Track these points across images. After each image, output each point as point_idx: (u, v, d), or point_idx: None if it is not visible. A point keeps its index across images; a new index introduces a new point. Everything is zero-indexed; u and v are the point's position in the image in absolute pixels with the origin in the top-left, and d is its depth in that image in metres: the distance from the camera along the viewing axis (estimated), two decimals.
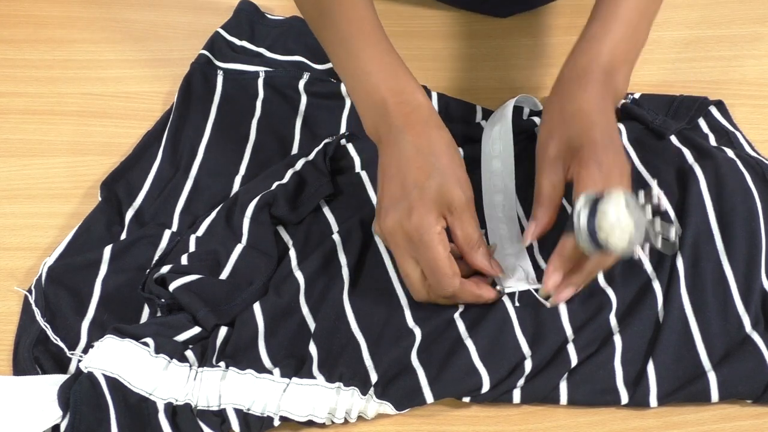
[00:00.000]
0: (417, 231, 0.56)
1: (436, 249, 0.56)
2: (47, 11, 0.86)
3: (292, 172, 0.68)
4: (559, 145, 0.59)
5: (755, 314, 0.62)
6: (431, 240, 0.56)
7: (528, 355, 0.59)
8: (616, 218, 0.52)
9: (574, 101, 0.60)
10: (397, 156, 0.59)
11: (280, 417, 0.56)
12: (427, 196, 0.57)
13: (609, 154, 0.57)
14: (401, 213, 0.57)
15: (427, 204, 0.57)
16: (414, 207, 0.56)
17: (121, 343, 0.57)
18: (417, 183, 0.57)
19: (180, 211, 0.68)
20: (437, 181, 0.57)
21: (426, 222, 0.56)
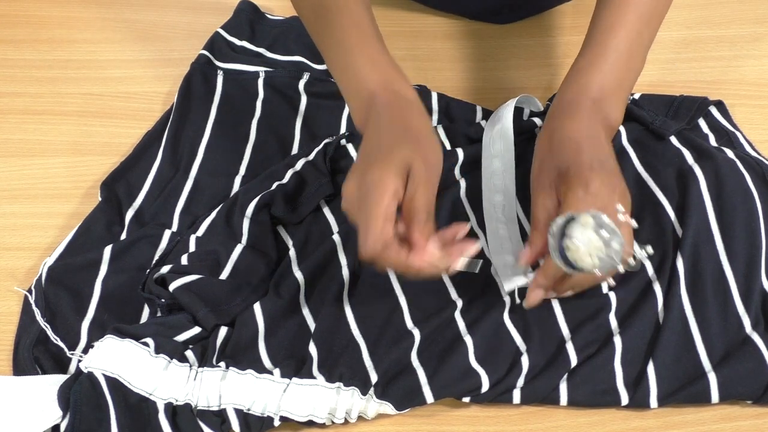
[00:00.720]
0: (369, 184, 0.54)
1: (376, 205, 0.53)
2: (47, 11, 0.86)
3: (292, 172, 0.68)
4: (550, 173, 0.60)
5: (755, 315, 0.62)
6: (376, 195, 0.54)
7: (523, 350, 0.59)
8: (582, 240, 0.53)
9: (562, 130, 0.61)
10: (372, 133, 0.58)
11: (281, 417, 0.56)
12: (389, 158, 0.55)
13: (598, 176, 0.57)
14: (360, 172, 0.56)
15: (387, 164, 0.55)
16: (373, 164, 0.55)
17: (121, 343, 0.57)
18: (382, 148, 0.57)
19: (180, 211, 0.68)
20: (403, 150, 0.56)
21: (380, 177, 0.54)
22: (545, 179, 0.60)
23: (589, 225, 0.53)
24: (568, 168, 0.58)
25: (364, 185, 0.55)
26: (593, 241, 0.53)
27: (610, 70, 0.63)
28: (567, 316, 0.61)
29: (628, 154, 0.70)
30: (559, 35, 0.85)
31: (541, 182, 0.60)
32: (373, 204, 0.54)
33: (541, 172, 0.61)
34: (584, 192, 0.56)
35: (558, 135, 0.61)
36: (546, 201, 0.59)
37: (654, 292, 0.63)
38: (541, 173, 0.61)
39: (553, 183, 0.59)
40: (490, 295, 0.63)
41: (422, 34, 0.85)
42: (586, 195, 0.56)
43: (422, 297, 0.63)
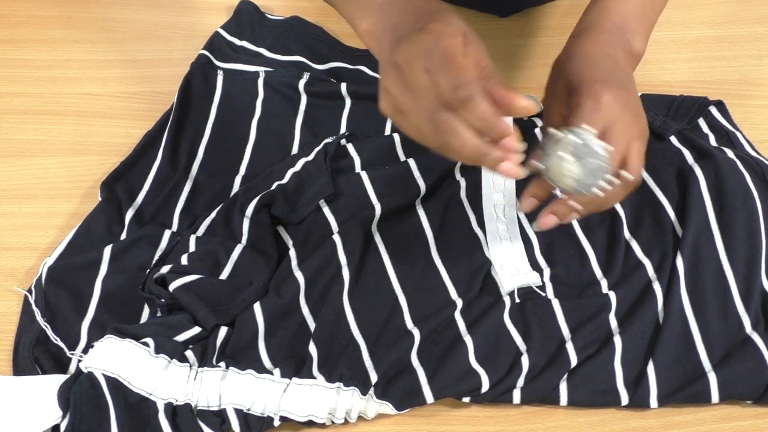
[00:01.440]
0: (435, 36, 0.49)
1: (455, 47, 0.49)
2: (47, 11, 0.86)
3: (292, 172, 0.68)
4: (566, 83, 0.58)
5: (755, 315, 0.62)
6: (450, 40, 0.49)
7: (523, 350, 0.59)
8: (558, 161, 0.52)
9: (581, 45, 0.60)
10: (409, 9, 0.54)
11: (280, 417, 0.56)
12: (445, 18, 0.51)
13: (610, 90, 0.55)
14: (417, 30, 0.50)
15: (446, 21, 0.51)
16: (432, 20, 0.51)
17: (121, 343, 0.57)
18: (431, 11, 0.52)
19: (180, 211, 0.68)
20: (451, 15, 0.52)
21: (445, 28, 0.50)
22: (560, 87, 0.58)
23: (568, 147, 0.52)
24: (579, 82, 0.56)
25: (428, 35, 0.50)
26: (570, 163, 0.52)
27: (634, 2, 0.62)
28: (567, 316, 0.61)
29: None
30: (559, 35, 0.85)
31: (555, 91, 0.59)
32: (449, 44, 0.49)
33: (556, 81, 0.59)
34: (593, 107, 0.54)
35: (576, 53, 0.59)
36: (561, 108, 0.58)
37: (654, 292, 0.63)
38: (556, 81, 0.59)
39: (567, 92, 0.58)
40: (490, 295, 0.63)
41: None
42: (594, 110, 0.54)
43: (422, 297, 0.63)
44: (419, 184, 0.67)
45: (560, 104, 0.58)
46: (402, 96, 0.51)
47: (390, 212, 0.67)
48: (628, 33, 0.61)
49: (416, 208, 0.68)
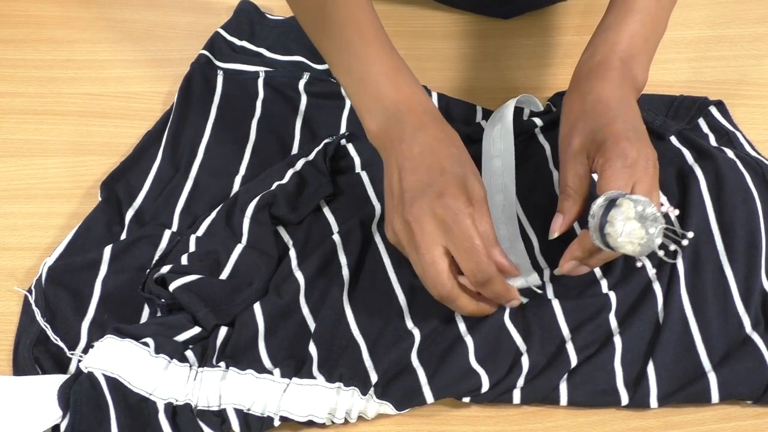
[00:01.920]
0: (451, 212, 0.54)
1: (472, 228, 0.54)
2: (47, 11, 0.86)
3: (292, 172, 0.68)
4: (582, 138, 0.58)
5: (755, 315, 0.62)
6: (468, 219, 0.54)
7: (524, 350, 0.59)
8: (622, 227, 0.53)
9: (593, 92, 0.60)
10: (418, 149, 0.57)
11: (281, 417, 0.56)
12: (456, 181, 0.55)
13: (633, 146, 0.56)
14: (431, 197, 0.55)
15: (457, 188, 0.55)
16: (445, 190, 0.55)
17: (121, 343, 0.57)
18: (443, 169, 0.56)
19: (180, 211, 0.68)
20: (461, 171, 0.56)
21: (459, 203, 0.54)
22: (577, 144, 0.59)
23: (631, 213, 0.53)
24: (604, 137, 0.57)
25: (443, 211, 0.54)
26: (635, 229, 0.53)
27: (638, 29, 0.63)
28: (567, 316, 0.61)
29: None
30: (559, 35, 0.85)
31: (572, 147, 0.59)
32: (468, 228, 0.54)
33: (572, 136, 0.59)
34: (622, 164, 0.55)
35: (591, 98, 0.60)
36: (578, 167, 0.58)
37: (654, 292, 0.63)
38: (572, 137, 0.59)
39: (584, 147, 0.58)
40: None
41: (423, 33, 0.85)
42: (623, 167, 0.55)
43: (422, 297, 0.63)
44: None
45: (578, 163, 0.58)
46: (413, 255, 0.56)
47: None
48: (634, 67, 0.62)
49: None
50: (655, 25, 0.64)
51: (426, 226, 0.55)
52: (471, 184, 0.56)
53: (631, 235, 0.53)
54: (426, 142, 0.57)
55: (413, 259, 0.57)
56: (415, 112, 0.59)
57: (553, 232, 0.59)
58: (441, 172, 0.56)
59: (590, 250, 0.57)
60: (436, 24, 0.86)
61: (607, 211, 0.54)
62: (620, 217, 0.53)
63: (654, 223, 0.54)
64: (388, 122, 0.59)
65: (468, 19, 0.86)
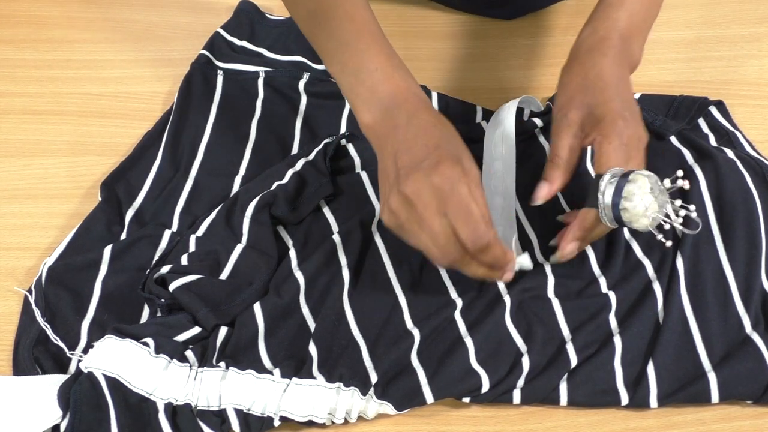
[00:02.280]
0: (448, 180, 0.54)
1: (469, 196, 0.54)
2: (47, 11, 0.86)
3: (292, 172, 0.68)
4: (580, 112, 0.60)
5: (755, 315, 0.62)
6: (465, 187, 0.54)
7: (524, 350, 0.59)
8: (641, 201, 0.54)
9: (595, 67, 0.61)
10: (413, 132, 0.57)
11: (280, 417, 0.56)
12: (451, 155, 0.56)
13: (630, 126, 0.58)
14: (427, 169, 0.55)
15: (452, 160, 0.55)
16: (441, 160, 0.55)
17: (121, 343, 0.57)
18: (438, 145, 0.56)
19: (180, 211, 0.68)
20: (455, 149, 0.57)
21: (456, 173, 0.55)
22: (574, 116, 0.60)
23: (646, 187, 0.54)
24: (603, 114, 0.58)
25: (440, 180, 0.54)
26: (651, 203, 0.54)
27: (638, 8, 0.64)
28: (567, 316, 0.61)
29: None
30: (559, 35, 0.85)
31: (568, 119, 0.60)
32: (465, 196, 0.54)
33: (569, 108, 0.60)
34: (619, 142, 0.57)
35: (592, 74, 0.61)
36: (571, 140, 0.59)
37: (654, 292, 0.63)
38: (569, 109, 0.60)
39: (580, 121, 0.59)
40: (490, 296, 0.63)
41: (422, 33, 0.85)
42: (620, 145, 0.57)
43: (422, 297, 0.63)
44: None
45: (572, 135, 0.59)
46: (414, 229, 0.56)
47: None
48: (632, 45, 0.63)
49: None
50: (652, 7, 0.66)
51: (424, 196, 0.55)
52: (465, 161, 0.56)
53: (648, 209, 0.54)
54: (420, 125, 0.58)
55: (416, 233, 0.56)
56: (409, 102, 0.59)
57: (537, 199, 0.60)
58: (436, 147, 0.56)
59: (590, 228, 0.58)
60: (435, 24, 0.86)
61: (620, 186, 0.54)
62: (638, 192, 0.54)
63: (663, 196, 0.54)
64: (383, 113, 0.59)
65: (468, 19, 0.86)
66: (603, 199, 0.55)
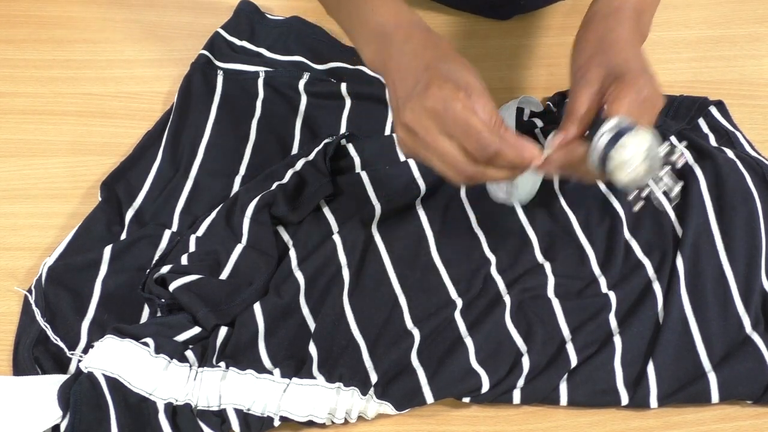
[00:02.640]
0: (441, 101, 0.53)
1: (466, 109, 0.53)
2: (47, 11, 0.86)
3: (293, 172, 0.68)
4: (600, 70, 0.59)
5: (755, 315, 0.62)
6: (458, 103, 0.53)
7: (524, 350, 0.59)
8: (631, 156, 0.52)
9: (612, 32, 0.61)
10: (405, 60, 0.57)
11: (280, 417, 0.56)
12: (442, 74, 0.55)
13: (649, 86, 0.57)
14: (418, 94, 0.54)
15: (443, 78, 0.54)
16: (430, 82, 0.54)
17: (121, 343, 0.57)
18: (428, 65, 0.56)
19: (180, 211, 0.68)
20: (447, 65, 0.56)
21: (446, 91, 0.53)
22: (594, 74, 0.59)
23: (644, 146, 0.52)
24: (624, 71, 0.57)
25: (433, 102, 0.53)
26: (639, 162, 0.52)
27: None
28: (567, 316, 0.61)
29: None
30: (558, 35, 0.85)
31: (587, 78, 0.59)
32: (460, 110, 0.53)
33: (589, 68, 0.59)
34: (636, 96, 0.56)
35: (610, 37, 0.61)
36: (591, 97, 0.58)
37: (654, 292, 0.63)
38: (589, 68, 0.59)
39: (600, 78, 0.58)
40: (490, 296, 0.63)
41: None
42: (636, 100, 0.56)
43: (422, 297, 0.63)
44: (419, 184, 0.67)
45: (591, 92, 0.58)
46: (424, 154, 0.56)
47: (390, 212, 0.67)
48: (643, 19, 0.63)
49: (416, 208, 0.68)
50: None
51: (423, 122, 0.54)
52: (460, 74, 0.55)
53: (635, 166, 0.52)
54: (411, 50, 0.58)
55: (426, 157, 0.56)
56: (401, 26, 0.59)
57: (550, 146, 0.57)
58: (425, 69, 0.55)
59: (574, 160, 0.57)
60: (435, 24, 0.86)
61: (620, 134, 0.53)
62: (633, 146, 0.52)
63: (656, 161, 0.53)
64: (378, 45, 0.60)
65: (468, 19, 0.86)
66: (598, 139, 0.54)
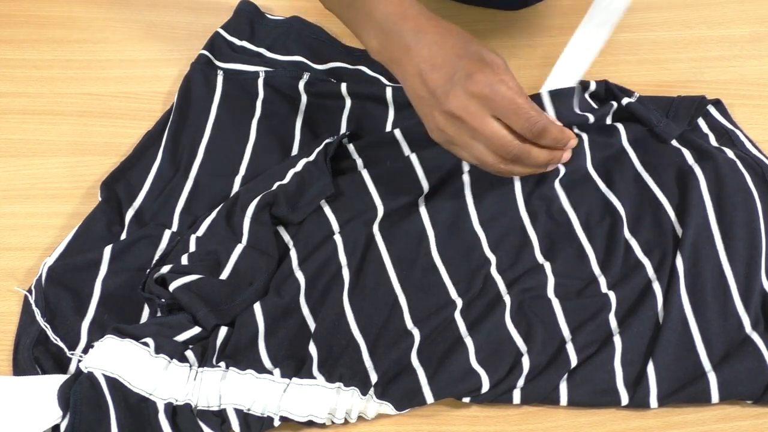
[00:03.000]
0: (486, 86, 0.56)
1: (510, 91, 0.56)
2: (47, 11, 0.86)
3: (293, 172, 0.68)
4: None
5: (755, 315, 0.62)
6: (503, 85, 0.56)
7: (524, 350, 0.59)
8: None
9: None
10: (427, 50, 0.59)
11: (280, 417, 0.56)
12: (475, 58, 0.57)
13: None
14: (461, 82, 0.57)
15: (480, 63, 0.57)
16: (470, 70, 0.57)
17: (121, 343, 0.57)
18: (459, 55, 0.58)
19: (180, 211, 0.68)
20: (475, 48, 0.58)
21: (488, 75, 0.57)
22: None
23: None
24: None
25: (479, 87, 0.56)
26: None
27: None
28: (567, 316, 0.61)
29: (627, 154, 0.70)
30: (559, 35, 0.85)
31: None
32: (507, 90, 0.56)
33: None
34: None
35: None
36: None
37: (654, 292, 0.63)
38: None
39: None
40: (490, 296, 0.63)
41: None
42: None
43: (422, 297, 0.63)
44: (422, 183, 0.67)
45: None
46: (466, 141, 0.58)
47: (392, 212, 0.67)
48: None
49: (418, 207, 0.68)
50: None
51: (470, 108, 0.57)
52: (488, 56, 0.58)
53: None
54: (431, 41, 0.59)
55: (469, 144, 0.58)
56: (408, 18, 0.60)
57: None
58: (458, 57, 0.58)
59: None
60: None
61: None
62: None
63: None
64: (386, 36, 0.60)
65: (467, 19, 0.86)
66: None
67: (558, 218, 0.67)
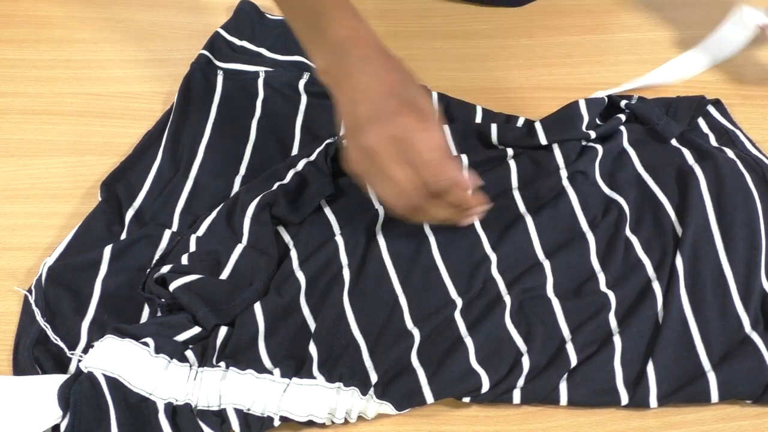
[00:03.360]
0: (405, 130, 0.56)
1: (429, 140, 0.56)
2: (47, 11, 0.86)
3: (294, 172, 0.68)
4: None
5: (755, 314, 0.62)
6: (423, 133, 0.56)
7: (524, 350, 0.59)
8: None
9: None
10: (366, 80, 0.59)
11: (280, 417, 0.56)
12: (405, 102, 0.57)
13: None
14: (385, 120, 0.57)
15: (408, 108, 0.57)
16: (398, 111, 0.57)
17: (121, 343, 0.57)
18: (393, 93, 0.58)
19: (180, 211, 0.68)
20: (412, 91, 0.58)
21: (411, 121, 0.56)
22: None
23: None
24: None
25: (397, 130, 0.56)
26: None
27: None
28: (567, 316, 0.61)
29: (628, 154, 0.70)
30: (559, 35, 0.85)
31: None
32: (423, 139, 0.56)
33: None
34: None
35: None
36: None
37: (653, 291, 0.63)
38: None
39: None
40: (491, 296, 0.63)
41: (422, 33, 0.85)
42: None
43: (422, 297, 0.63)
44: None
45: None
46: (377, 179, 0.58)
47: None
48: None
49: None
50: None
51: (385, 148, 0.57)
52: (420, 102, 0.58)
53: None
54: (373, 72, 0.59)
55: (377, 182, 0.59)
56: (358, 45, 0.60)
57: None
58: (391, 95, 0.58)
59: None
60: (436, 24, 0.86)
61: None
62: None
63: None
64: (333, 57, 0.60)
65: (468, 18, 0.86)
66: None
67: (560, 216, 0.67)
